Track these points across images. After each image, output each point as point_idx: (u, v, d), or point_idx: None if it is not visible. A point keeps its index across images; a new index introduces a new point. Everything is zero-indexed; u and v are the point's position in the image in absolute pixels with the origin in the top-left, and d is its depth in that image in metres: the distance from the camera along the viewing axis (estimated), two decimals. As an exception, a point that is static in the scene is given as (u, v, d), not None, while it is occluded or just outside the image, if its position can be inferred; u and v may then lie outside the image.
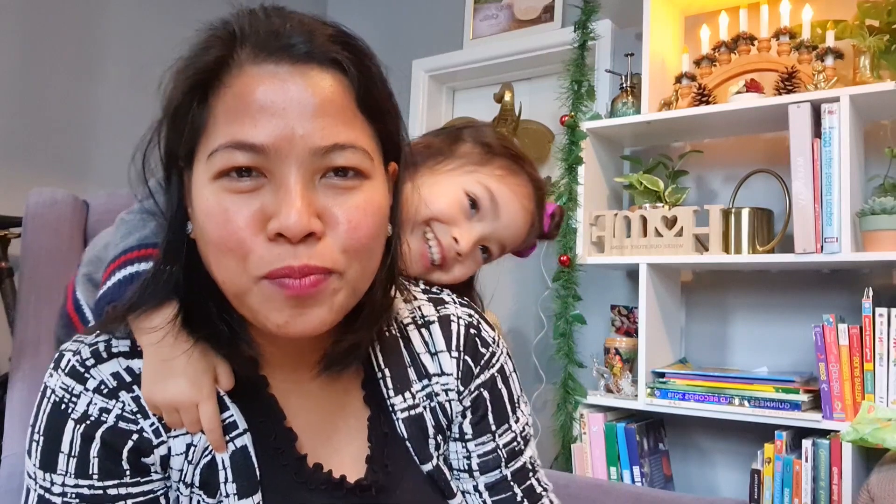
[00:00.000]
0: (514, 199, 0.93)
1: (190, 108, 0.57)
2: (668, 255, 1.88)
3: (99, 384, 0.60)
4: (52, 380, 0.61)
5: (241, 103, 0.54)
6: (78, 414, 0.59)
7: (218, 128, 0.55)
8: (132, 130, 0.64)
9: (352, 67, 0.57)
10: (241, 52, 0.56)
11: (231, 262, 0.55)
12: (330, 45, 0.56)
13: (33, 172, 2.14)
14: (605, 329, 2.16)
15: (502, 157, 0.95)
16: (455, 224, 0.90)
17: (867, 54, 1.72)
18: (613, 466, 1.90)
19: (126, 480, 0.60)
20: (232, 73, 0.56)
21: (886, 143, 1.82)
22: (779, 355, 1.97)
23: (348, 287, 0.57)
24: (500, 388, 0.74)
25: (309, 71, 0.55)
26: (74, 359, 0.61)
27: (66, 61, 2.25)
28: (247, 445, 0.63)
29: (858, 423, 1.51)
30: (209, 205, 0.55)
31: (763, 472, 1.70)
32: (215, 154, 0.54)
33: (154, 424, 0.61)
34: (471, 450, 0.73)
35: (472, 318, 0.75)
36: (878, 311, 1.59)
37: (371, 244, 0.58)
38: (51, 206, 1.22)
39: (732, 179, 2.04)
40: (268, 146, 0.53)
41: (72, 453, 0.59)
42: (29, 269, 1.19)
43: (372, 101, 0.58)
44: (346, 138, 0.55)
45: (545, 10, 2.53)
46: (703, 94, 1.90)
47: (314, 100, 0.54)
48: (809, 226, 1.66)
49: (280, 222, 0.53)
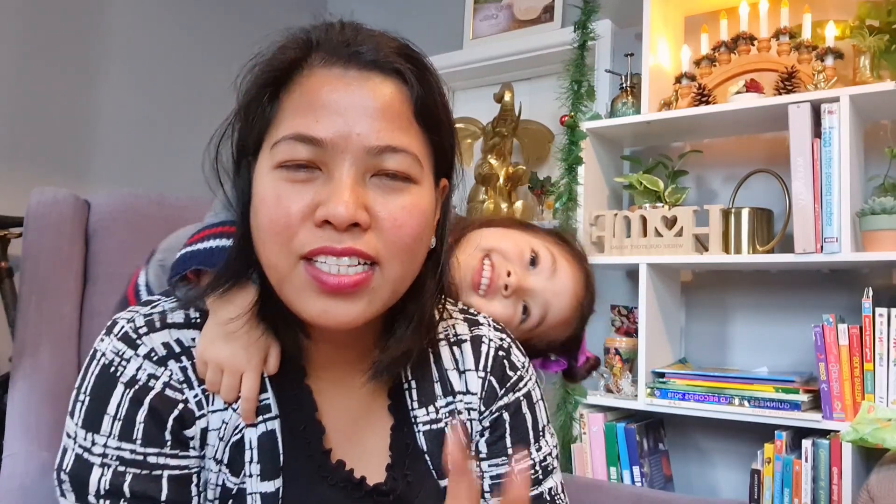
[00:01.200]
0: (570, 273, 0.97)
1: (261, 103, 0.61)
2: (668, 255, 1.88)
3: (150, 351, 0.62)
4: (104, 344, 0.63)
5: (308, 101, 0.59)
6: (127, 377, 0.61)
7: (284, 121, 0.59)
8: (134, 130, 0.65)
9: (412, 78, 0.61)
10: (315, 57, 0.60)
11: (276, 244, 0.58)
12: (394, 57, 0.61)
13: (34, 172, 2.14)
14: (605, 329, 2.16)
15: (570, 245, 1.01)
16: (513, 264, 0.93)
17: (867, 54, 1.72)
18: (613, 466, 1.90)
19: (166, 451, 0.61)
20: (303, 74, 0.60)
21: (886, 143, 1.82)
22: (779, 355, 1.97)
23: (388, 285, 0.60)
24: (525, 414, 0.74)
25: (372, 77, 0.60)
26: (129, 326, 0.63)
27: (67, 61, 2.25)
28: (276, 430, 0.64)
29: (858, 423, 1.51)
30: (266, 191, 0.59)
31: (763, 472, 1.71)
32: (278, 145, 0.58)
33: (198, 396, 0.63)
34: (484, 469, 0.73)
35: (503, 342, 0.76)
36: (878, 311, 1.59)
37: (413, 245, 0.60)
38: (52, 205, 1.22)
39: (732, 179, 2.04)
40: (326, 141, 0.57)
41: (118, 416, 0.60)
42: (30, 269, 1.19)
43: (428, 113, 0.62)
44: (400, 142, 0.59)
45: (545, 10, 2.53)
46: (703, 94, 1.90)
47: (374, 104, 0.58)
48: (809, 226, 1.66)
49: (328, 209, 0.56)
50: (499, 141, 2.43)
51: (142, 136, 2.41)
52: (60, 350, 1.16)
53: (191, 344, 0.64)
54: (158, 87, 2.46)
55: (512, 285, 0.91)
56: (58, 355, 1.15)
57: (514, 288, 0.92)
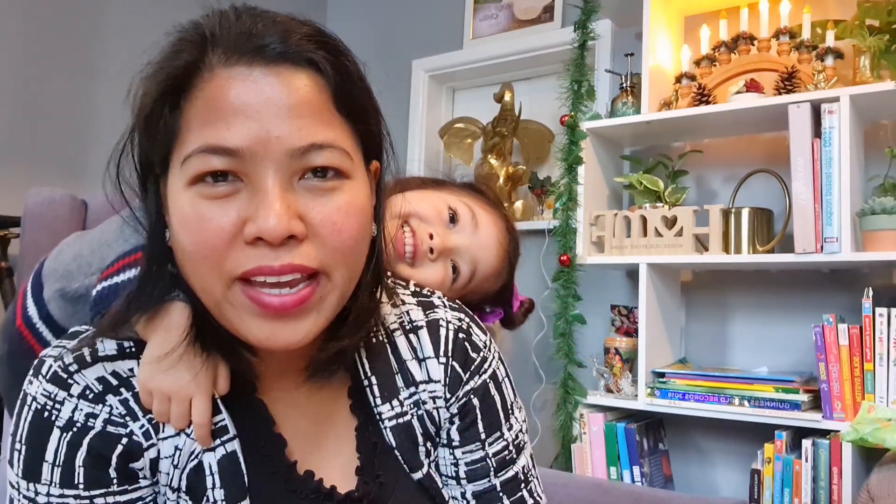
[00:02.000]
0: (492, 224, 0.95)
1: (161, 115, 0.55)
2: (668, 255, 1.88)
3: (84, 389, 0.58)
4: (33, 387, 0.59)
5: (214, 107, 0.53)
6: (63, 421, 0.57)
7: (191, 133, 0.53)
8: (130, 130, 0.63)
9: (328, 67, 0.55)
10: (213, 56, 0.54)
11: (205, 269, 0.54)
12: (304, 45, 0.55)
13: (32, 172, 2.14)
14: (605, 329, 2.16)
15: (485, 195, 0.99)
16: (433, 225, 0.91)
17: (867, 54, 1.72)
18: (613, 466, 1.90)
19: (113, 489, 0.58)
20: (203, 78, 0.54)
21: (886, 143, 1.82)
22: (779, 355, 1.96)
23: (336, 292, 0.56)
24: (493, 395, 0.72)
25: (283, 71, 0.54)
26: (56, 365, 0.59)
27: (65, 61, 2.25)
28: (236, 451, 0.62)
29: (858, 423, 1.50)
30: (185, 212, 0.53)
31: (763, 472, 1.70)
32: (189, 159, 0.53)
33: (144, 426, 0.59)
34: (458, 457, 0.71)
35: (461, 322, 0.73)
36: (878, 311, 1.59)
37: (355, 246, 0.57)
38: (49, 205, 1.22)
39: (732, 179, 2.04)
40: (243, 149, 0.52)
41: (56, 462, 0.57)
42: (28, 268, 1.19)
43: (350, 101, 0.57)
44: (324, 138, 0.54)
45: (545, 10, 2.53)
46: (703, 94, 1.90)
47: (289, 101, 0.53)
48: (809, 226, 1.66)
49: (258, 225, 0.51)
50: (499, 141, 2.43)
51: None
52: (59, 350, 1.15)
53: (129, 374, 0.60)
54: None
55: (437, 247, 0.89)
56: (56, 355, 1.15)
57: (439, 250, 0.90)
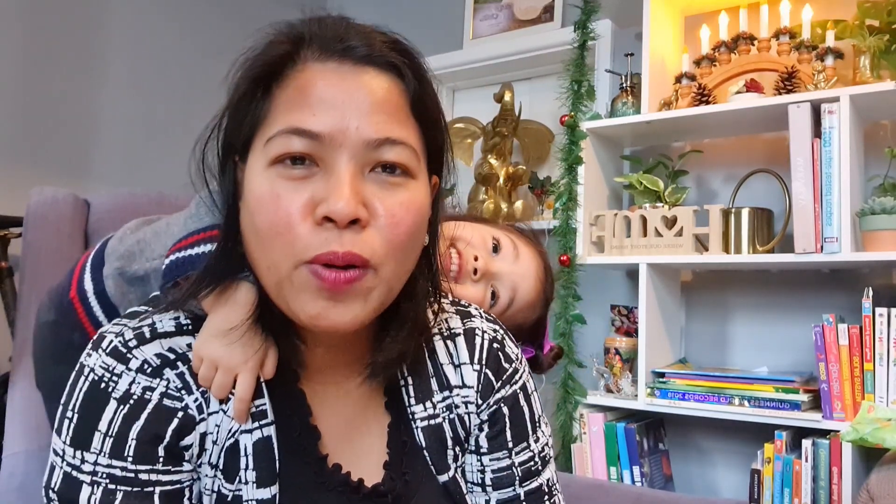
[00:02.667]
0: (532, 257, 1.02)
1: (253, 98, 0.59)
2: (668, 255, 1.88)
3: (142, 363, 0.60)
4: (91, 359, 0.61)
5: (302, 95, 0.57)
6: (120, 393, 0.59)
7: (278, 116, 0.58)
8: (133, 130, 0.64)
9: (408, 72, 0.60)
10: (307, 51, 0.59)
11: (278, 246, 0.57)
12: (388, 51, 0.60)
13: (34, 172, 2.14)
14: (605, 329, 2.16)
15: (525, 233, 1.06)
16: (478, 250, 0.97)
17: (867, 54, 1.72)
18: (613, 466, 1.90)
19: (159, 467, 0.60)
20: (297, 68, 0.59)
21: (886, 143, 1.82)
22: (779, 355, 1.97)
23: (383, 285, 0.59)
24: (522, 406, 0.74)
25: (369, 71, 0.59)
26: (117, 340, 0.61)
27: (67, 61, 2.25)
28: (272, 436, 0.63)
29: (858, 423, 1.51)
30: (263, 190, 0.57)
31: (763, 471, 1.71)
32: (273, 140, 0.57)
33: (198, 399, 0.61)
34: (485, 464, 0.73)
35: (496, 333, 0.75)
36: (878, 311, 1.59)
37: (408, 242, 0.60)
38: (52, 205, 1.22)
39: (732, 179, 2.05)
40: (324, 134, 0.56)
41: (109, 433, 0.59)
42: (30, 268, 1.19)
43: (423, 108, 0.62)
44: (398, 135, 0.58)
45: (545, 10, 2.53)
46: (703, 94, 1.90)
47: (371, 97, 0.58)
48: (809, 226, 1.66)
49: (329, 206, 0.55)
50: (499, 141, 2.43)
51: (141, 135, 2.41)
52: (60, 349, 1.16)
53: (185, 350, 0.62)
54: (158, 87, 2.46)
55: (480, 269, 0.95)
56: (58, 355, 1.15)
57: (482, 271, 0.95)
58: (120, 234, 0.92)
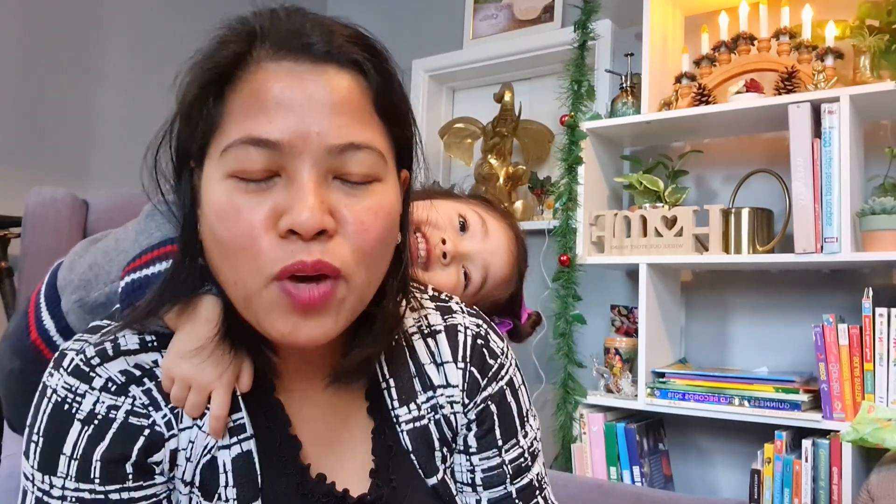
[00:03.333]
0: (501, 231, 0.97)
1: (205, 104, 0.56)
2: (668, 255, 1.88)
3: (106, 381, 0.58)
4: (53, 379, 0.59)
5: (258, 99, 0.54)
6: (84, 414, 0.58)
7: (233, 123, 0.54)
8: (131, 130, 0.64)
9: (371, 69, 0.57)
10: (260, 50, 0.55)
11: (242, 261, 0.54)
12: (349, 46, 0.56)
13: (33, 172, 2.14)
14: (605, 329, 2.16)
15: (492, 204, 1.02)
16: (445, 232, 0.92)
17: (867, 54, 1.72)
18: (613, 466, 1.90)
19: (129, 485, 0.58)
20: (250, 70, 0.55)
21: (886, 143, 1.82)
22: (779, 355, 1.96)
23: (355, 294, 0.56)
24: (510, 402, 0.72)
25: (328, 70, 0.55)
26: (78, 358, 0.59)
27: (65, 61, 2.25)
28: (252, 450, 0.61)
29: (858, 423, 1.51)
30: (221, 203, 0.54)
31: (763, 472, 1.70)
32: (229, 150, 0.54)
33: (166, 416, 0.59)
34: (475, 463, 0.71)
35: (479, 329, 0.73)
36: (878, 311, 1.59)
37: (379, 248, 0.57)
38: (50, 205, 1.22)
39: (732, 179, 2.04)
40: (283, 142, 0.53)
41: (74, 455, 0.57)
42: (29, 268, 1.19)
43: (388, 105, 0.58)
44: (362, 138, 0.55)
45: (545, 10, 2.53)
46: (703, 94, 1.90)
47: (331, 98, 0.54)
48: (809, 226, 1.66)
49: (293, 218, 0.52)
50: (499, 141, 2.43)
51: (140, 135, 2.39)
52: (60, 350, 1.16)
53: (152, 365, 0.60)
54: (157, 86, 2.45)
55: (449, 252, 0.91)
56: (57, 355, 1.15)
57: (451, 254, 0.91)
58: (68, 262, 0.88)
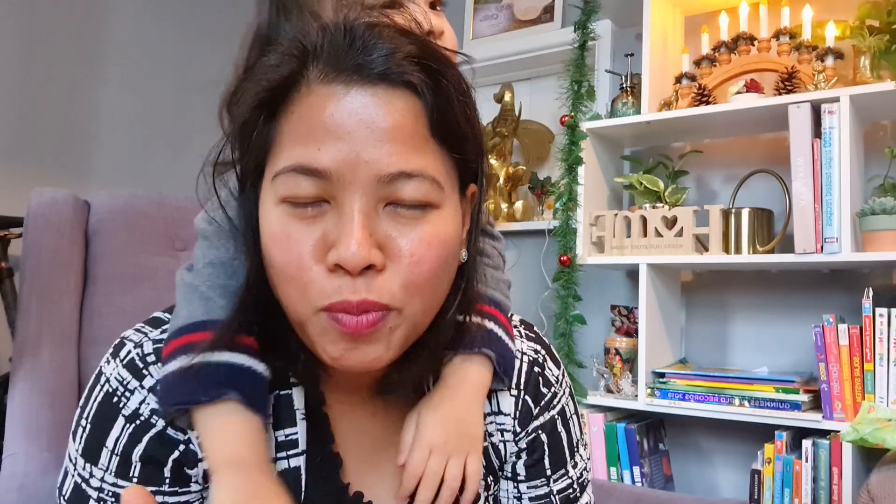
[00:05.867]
0: None
1: (256, 125, 0.54)
2: (668, 255, 1.88)
3: (156, 384, 0.58)
4: (109, 367, 0.59)
5: (307, 125, 0.52)
6: (129, 410, 0.58)
7: (283, 149, 0.53)
8: (134, 131, 0.63)
9: (426, 90, 0.53)
10: (312, 71, 0.53)
11: (292, 289, 0.53)
12: (406, 66, 0.52)
13: (34, 172, 2.14)
14: (605, 329, 2.16)
15: None
16: None
17: (867, 54, 1.72)
18: (613, 467, 1.90)
19: (165, 489, 0.58)
20: (301, 93, 0.53)
21: (886, 143, 1.82)
22: (779, 355, 1.97)
23: (406, 323, 0.55)
24: (560, 432, 0.71)
25: (380, 92, 0.52)
26: (136, 352, 0.59)
27: (67, 61, 2.25)
28: (300, 467, 0.61)
29: (858, 424, 1.51)
30: (274, 229, 0.53)
31: (763, 472, 1.71)
32: (279, 177, 0.52)
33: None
34: (522, 491, 0.70)
35: (537, 355, 0.71)
36: (878, 312, 1.59)
37: (434, 279, 0.55)
38: (52, 206, 1.22)
39: (732, 179, 2.04)
40: (331, 171, 0.51)
41: (115, 450, 0.58)
42: (30, 269, 1.19)
43: (446, 127, 0.54)
44: (415, 166, 0.52)
45: (545, 11, 2.53)
46: (703, 94, 1.90)
47: (383, 124, 0.51)
48: (809, 226, 1.66)
49: (339, 253, 0.51)
50: (499, 141, 2.43)
51: (142, 136, 2.41)
52: (60, 350, 1.16)
53: None
54: (158, 86, 2.46)
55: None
56: (58, 355, 1.15)
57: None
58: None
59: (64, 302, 1.19)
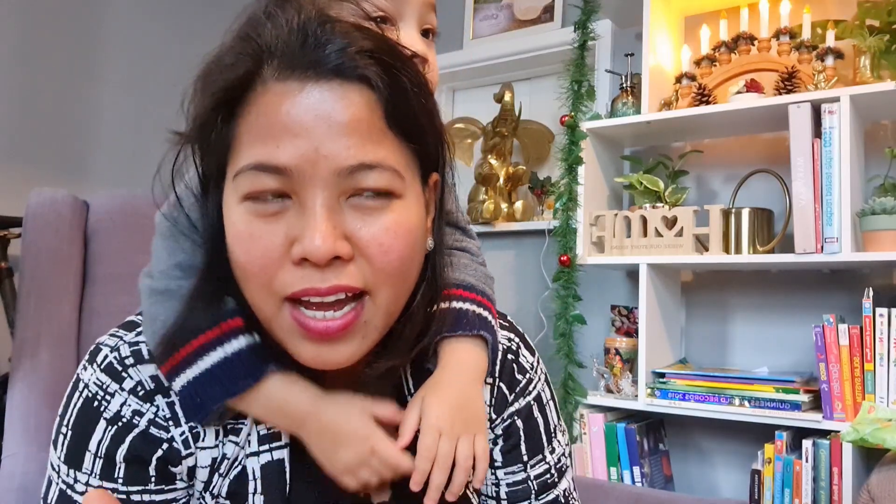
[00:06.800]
0: None
1: (215, 126, 0.55)
2: (668, 255, 1.88)
3: (136, 385, 0.59)
4: (87, 373, 0.60)
5: (265, 123, 0.52)
6: (110, 413, 0.58)
7: (243, 148, 0.53)
8: (132, 131, 0.63)
9: (380, 83, 0.53)
10: (267, 69, 0.53)
11: (257, 286, 0.54)
12: (359, 60, 0.53)
13: (33, 172, 2.14)
14: (605, 329, 2.16)
15: None
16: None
17: (867, 54, 1.72)
18: (613, 467, 1.90)
19: (151, 487, 0.59)
20: (257, 91, 0.53)
21: (886, 143, 1.82)
22: (779, 355, 1.96)
23: (380, 312, 0.55)
24: (536, 418, 0.72)
25: (335, 87, 0.52)
26: (112, 355, 0.60)
27: (65, 61, 2.25)
28: (284, 459, 0.61)
29: (859, 424, 1.51)
30: (238, 228, 0.54)
31: (763, 472, 1.70)
32: (240, 176, 0.53)
33: (184, 434, 0.59)
34: (500, 478, 0.71)
35: (511, 343, 0.72)
36: (878, 312, 1.59)
37: (402, 267, 0.55)
38: (51, 206, 1.22)
39: (732, 179, 2.04)
40: (291, 167, 0.51)
41: (99, 453, 0.58)
42: (29, 269, 1.19)
43: (403, 118, 0.55)
44: (374, 157, 0.53)
45: (545, 10, 2.53)
46: (703, 94, 1.90)
47: (340, 118, 0.52)
48: (809, 226, 1.66)
49: (304, 246, 0.51)
50: (499, 141, 2.43)
51: (141, 136, 2.41)
52: (60, 350, 1.16)
53: None
54: (157, 86, 2.46)
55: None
56: (57, 355, 1.15)
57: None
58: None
59: (63, 302, 1.19)
